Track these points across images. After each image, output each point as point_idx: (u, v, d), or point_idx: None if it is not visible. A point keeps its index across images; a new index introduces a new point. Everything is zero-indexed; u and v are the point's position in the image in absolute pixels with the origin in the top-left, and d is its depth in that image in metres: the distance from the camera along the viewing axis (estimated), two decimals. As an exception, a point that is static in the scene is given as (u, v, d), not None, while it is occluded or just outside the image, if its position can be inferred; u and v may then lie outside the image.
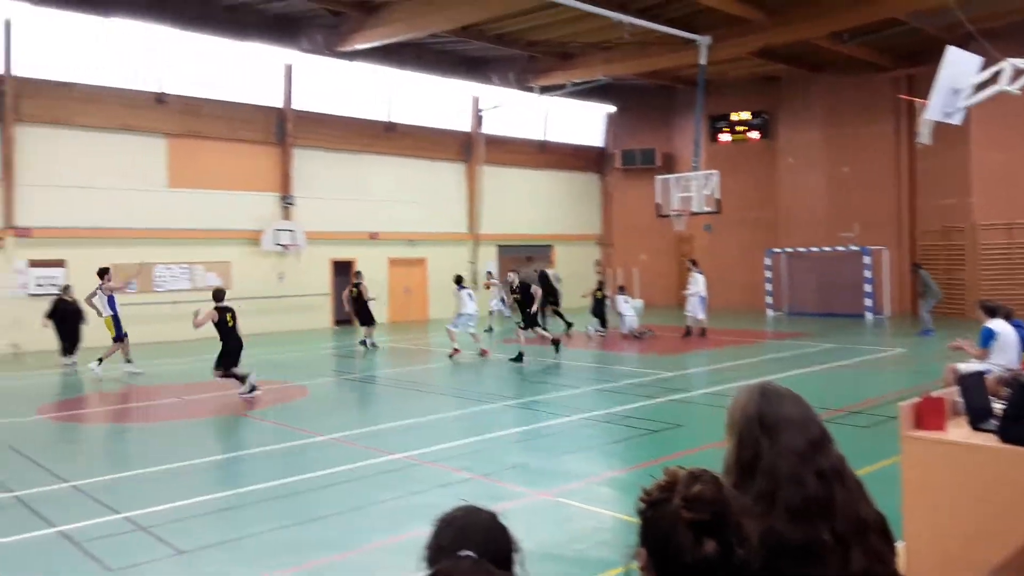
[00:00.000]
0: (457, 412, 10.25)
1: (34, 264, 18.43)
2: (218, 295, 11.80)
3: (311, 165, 23.07)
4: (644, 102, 28.66)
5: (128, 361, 14.36)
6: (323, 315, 23.41)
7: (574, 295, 22.79)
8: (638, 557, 1.59)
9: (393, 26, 19.33)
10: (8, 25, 17.75)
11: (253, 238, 21.85)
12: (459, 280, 16.63)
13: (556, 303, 20.56)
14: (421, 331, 22.00)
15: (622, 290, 19.97)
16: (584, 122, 30.10)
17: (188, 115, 20.67)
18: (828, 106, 25.06)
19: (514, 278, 16.67)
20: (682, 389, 11.42)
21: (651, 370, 13.31)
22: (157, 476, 7.32)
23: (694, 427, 9.04)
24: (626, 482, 6.80)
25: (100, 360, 13.83)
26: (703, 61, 19.71)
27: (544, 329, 16.53)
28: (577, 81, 24.02)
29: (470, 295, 15.95)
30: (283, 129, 22.37)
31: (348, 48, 20.65)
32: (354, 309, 18.13)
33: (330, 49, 20.90)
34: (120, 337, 14.39)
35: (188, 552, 5.26)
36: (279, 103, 22.37)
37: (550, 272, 21.62)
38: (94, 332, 15.67)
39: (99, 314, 14.56)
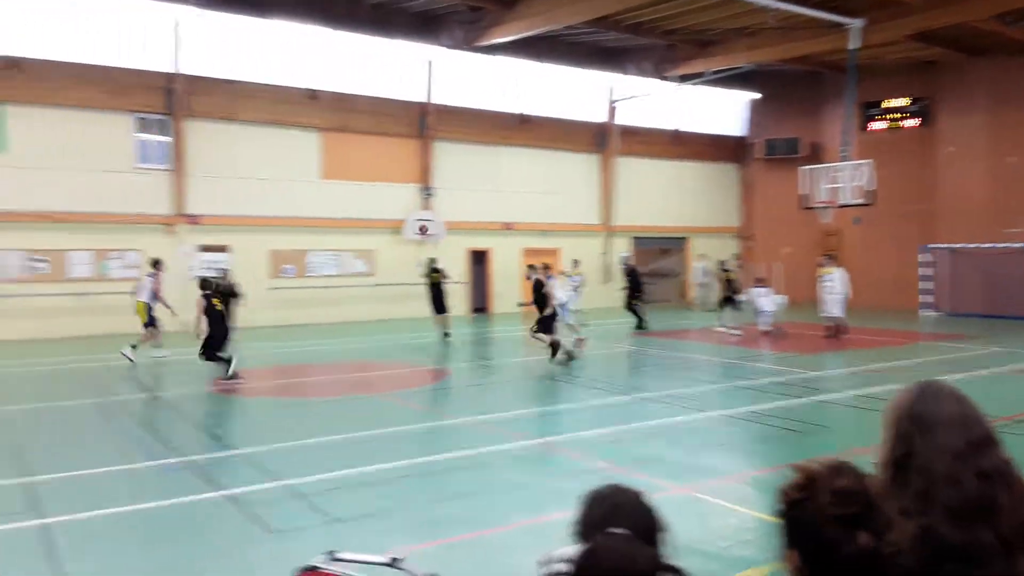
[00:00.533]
0: (593, 402, 10.32)
1: (203, 249, 20.09)
2: (203, 284, 12.16)
3: (450, 157, 23.78)
4: (788, 89, 27.47)
5: (158, 347, 14.43)
6: (460, 302, 24.11)
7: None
8: (788, 560, 1.58)
9: (531, 19, 19.54)
10: (177, 27, 19.36)
11: (396, 227, 22.80)
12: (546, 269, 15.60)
13: (639, 298, 19.73)
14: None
15: (760, 283, 19.20)
16: (722, 111, 29.24)
17: (339, 110, 21.84)
18: (992, 92, 23.14)
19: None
20: (826, 390, 10.97)
21: (792, 368, 12.85)
22: (314, 448, 7.87)
23: (839, 430, 8.68)
24: (769, 482, 6.64)
25: (134, 347, 13.79)
26: (854, 46, 18.69)
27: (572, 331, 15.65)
28: (718, 69, 23.38)
29: (563, 285, 15.90)
30: (424, 123, 23.16)
31: (486, 43, 21.07)
32: (431, 296, 17.76)
33: (469, 44, 21.41)
34: (151, 323, 14.37)
35: (341, 520, 5.64)
36: (421, 98, 23.17)
37: (638, 267, 21.36)
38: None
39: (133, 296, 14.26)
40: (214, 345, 11.84)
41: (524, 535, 5.40)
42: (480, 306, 24.78)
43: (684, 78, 24.55)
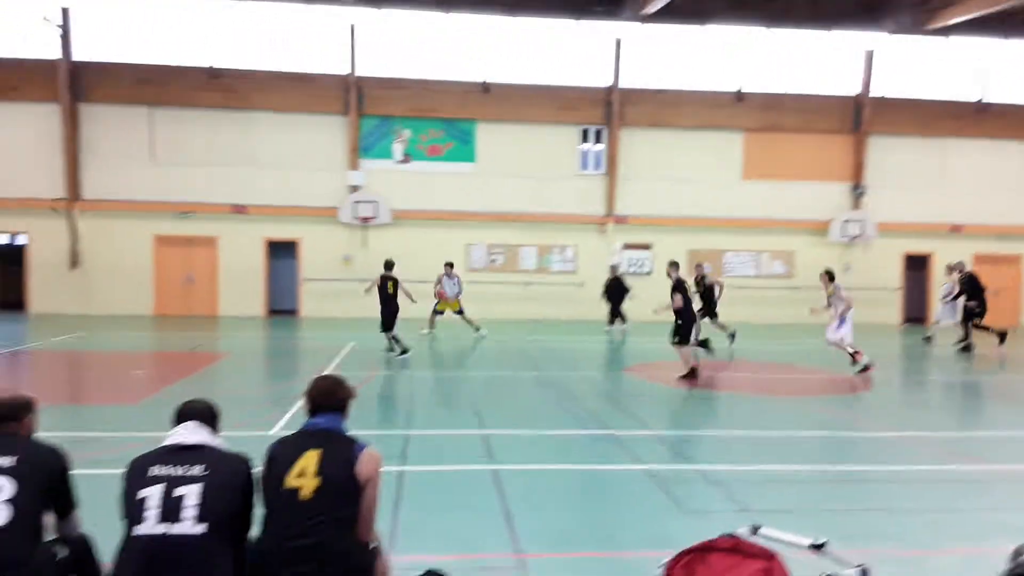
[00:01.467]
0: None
1: (628, 247, 21.53)
2: (386, 265, 13.69)
3: (886, 153, 21.82)
4: None
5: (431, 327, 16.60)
6: (890, 311, 22.01)
7: None
8: None
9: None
10: (618, 45, 20.94)
11: (818, 228, 21.70)
12: (831, 275, 13.20)
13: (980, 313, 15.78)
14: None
15: None
16: None
17: (765, 110, 21.54)
18: None
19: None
20: None
21: None
22: (730, 440, 7.99)
23: None
24: None
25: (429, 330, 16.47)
26: None
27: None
28: None
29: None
30: (859, 117, 21.58)
31: (939, 24, 18.80)
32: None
33: (918, 27, 19.33)
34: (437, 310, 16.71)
35: (753, 511, 5.65)
36: (855, 91, 21.63)
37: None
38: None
39: (412, 300, 14.26)
40: (384, 323, 13.39)
41: (960, 562, 4.84)
42: (916, 316, 22.30)
43: None
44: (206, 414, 3.52)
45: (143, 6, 19.19)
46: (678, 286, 11.72)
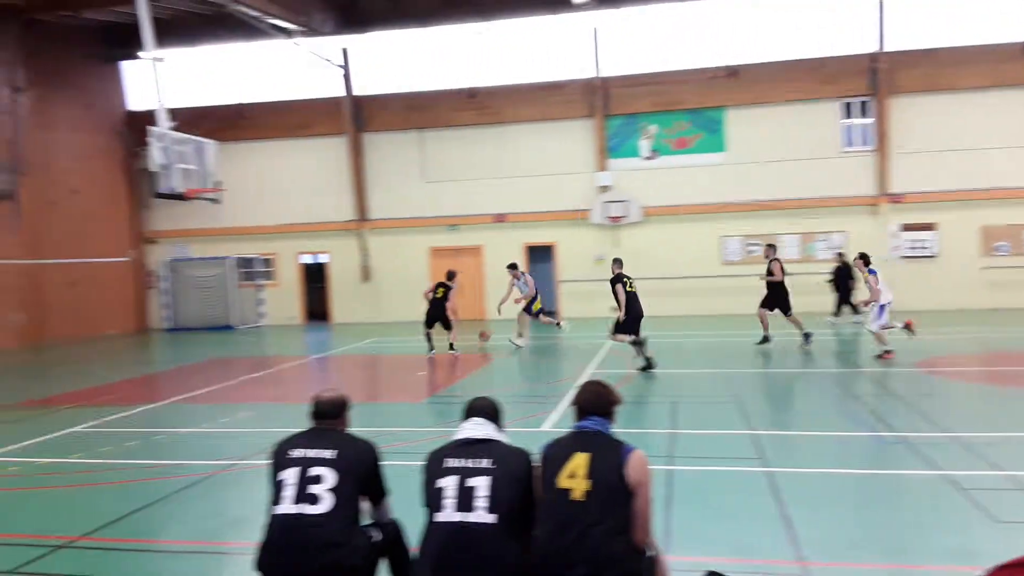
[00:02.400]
0: None
1: (906, 228, 19.53)
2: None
3: None
4: None
5: (520, 335, 15.03)
6: None
7: None
8: None
9: None
10: (881, 6, 19.07)
11: None
12: (866, 259, 12.27)
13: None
14: None
15: None
16: None
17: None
18: None
19: None
20: None
21: None
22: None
23: None
24: None
25: (559, 325, 15.79)
26: None
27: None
28: None
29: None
30: None
31: None
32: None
33: None
34: (530, 311, 15.07)
35: (1083, 526, 4.91)
36: None
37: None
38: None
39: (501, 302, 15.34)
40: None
41: None
42: None
43: None
44: (490, 410, 3.80)
45: (409, 39, 21.08)
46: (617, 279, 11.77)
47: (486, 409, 3.80)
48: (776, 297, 13.63)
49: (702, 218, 20.57)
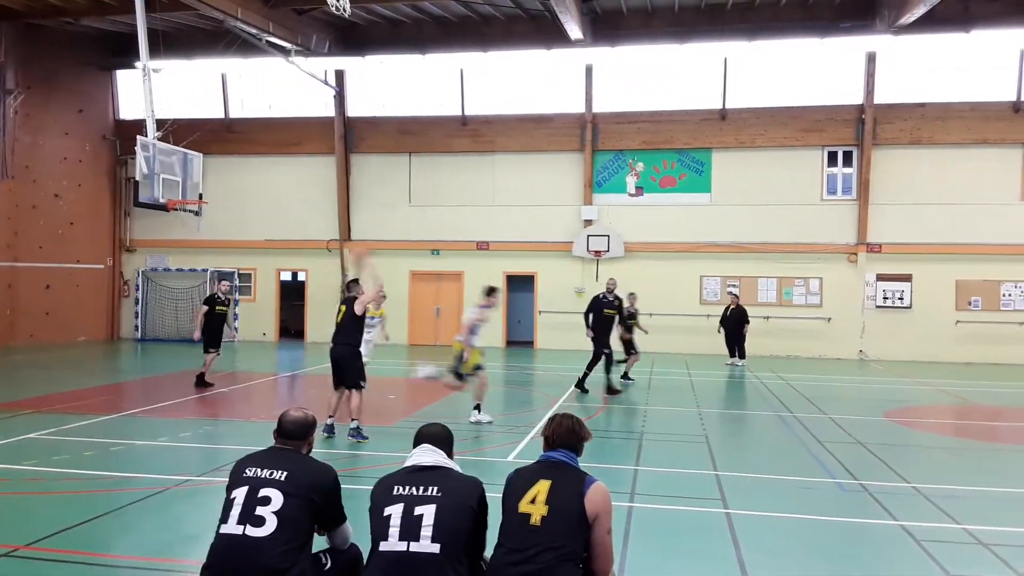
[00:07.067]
0: None
1: (881, 278, 19.76)
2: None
3: None
4: None
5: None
6: None
7: None
8: None
9: None
10: (871, 57, 19.46)
11: None
12: None
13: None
14: None
15: None
16: None
17: (1050, 120, 18.86)
18: None
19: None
20: None
21: None
22: (996, 497, 7.04)
23: None
24: None
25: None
26: None
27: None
28: None
29: None
30: None
31: None
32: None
33: None
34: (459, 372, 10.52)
35: (1033, 584, 4.94)
36: None
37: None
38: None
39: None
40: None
41: None
42: None
43: None
44: (441, 437, 3.75)
45: (405, 64, 21.22)
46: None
47: (437, 436, 3.76)
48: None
49: (683, 256, 20.72)
